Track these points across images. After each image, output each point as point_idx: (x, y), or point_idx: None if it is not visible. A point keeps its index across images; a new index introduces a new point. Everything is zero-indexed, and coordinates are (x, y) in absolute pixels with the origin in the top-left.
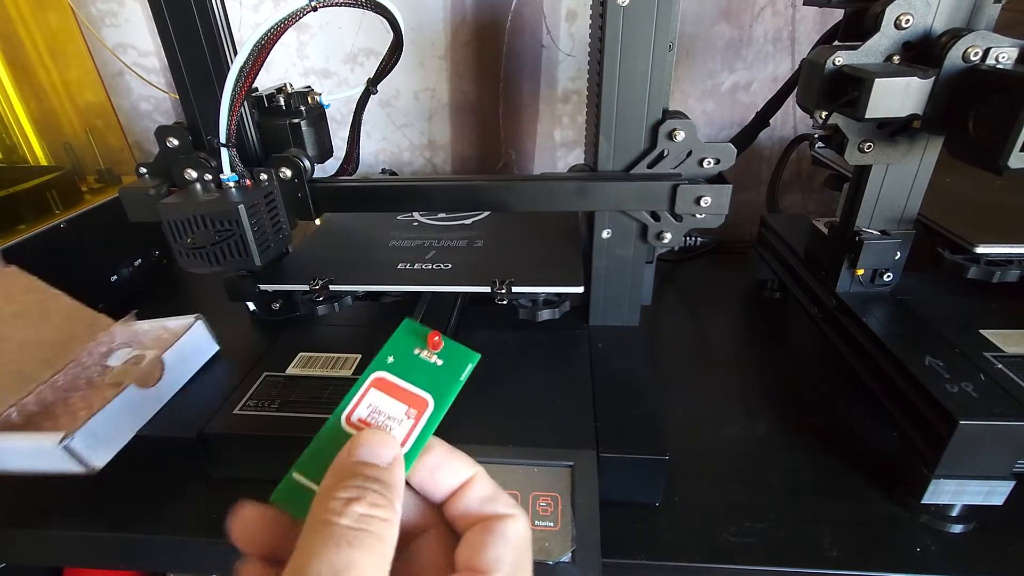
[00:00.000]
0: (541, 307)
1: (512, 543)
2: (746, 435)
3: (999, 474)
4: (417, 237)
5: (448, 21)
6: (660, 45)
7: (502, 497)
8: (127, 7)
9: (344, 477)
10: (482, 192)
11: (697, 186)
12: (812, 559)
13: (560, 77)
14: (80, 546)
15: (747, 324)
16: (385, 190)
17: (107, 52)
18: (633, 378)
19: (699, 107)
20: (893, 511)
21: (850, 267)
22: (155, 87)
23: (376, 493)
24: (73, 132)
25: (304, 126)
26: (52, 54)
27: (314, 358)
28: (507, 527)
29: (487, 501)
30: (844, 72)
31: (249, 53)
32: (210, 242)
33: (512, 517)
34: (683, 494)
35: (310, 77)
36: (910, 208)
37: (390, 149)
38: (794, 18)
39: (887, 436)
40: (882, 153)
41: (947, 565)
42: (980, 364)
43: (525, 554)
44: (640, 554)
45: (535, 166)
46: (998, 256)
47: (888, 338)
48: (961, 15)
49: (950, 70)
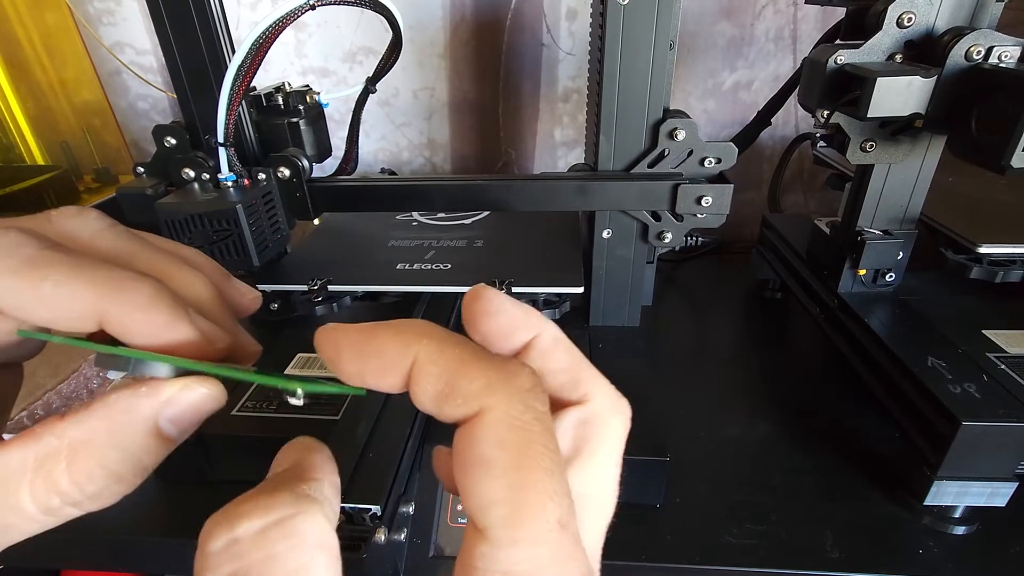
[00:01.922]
0: (541, 307)
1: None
2: (747, 436)
3: (1002, 475)
4: (416, 237)
5: (448, 19)
6: (661, 44)
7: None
8: (124, 5)
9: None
10: (482, 192)
11: (698, 185)
12: (814, 561)
13: (560, 76)
14: (78, 548)
15: (748, 324)
16: (384, 190)
17: (104, 50)
18: (634, 379)
19: (700, 106)
20: (895, 512)
21: (852, 267)
22: (153, 86)
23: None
24: (70, 131)
25: (302, 125)
26: (49, 52)
27: (312, 359)
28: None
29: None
30: (846, 71)
31: (247, 52)
32: (208, 242)
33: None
34: (684, 495)
35: (308, 76)
36: (912, 208)
37: (389, 148)
38: (796, 16)
39: (889, 437)
40: (884, 152)
41: (950, 567)
42: (983, 365)
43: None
44: (641, 556)
45: (535, 165)
46: (1001, 256)
47: (890, 338)
48: (963, 14)
49: (952, 69)
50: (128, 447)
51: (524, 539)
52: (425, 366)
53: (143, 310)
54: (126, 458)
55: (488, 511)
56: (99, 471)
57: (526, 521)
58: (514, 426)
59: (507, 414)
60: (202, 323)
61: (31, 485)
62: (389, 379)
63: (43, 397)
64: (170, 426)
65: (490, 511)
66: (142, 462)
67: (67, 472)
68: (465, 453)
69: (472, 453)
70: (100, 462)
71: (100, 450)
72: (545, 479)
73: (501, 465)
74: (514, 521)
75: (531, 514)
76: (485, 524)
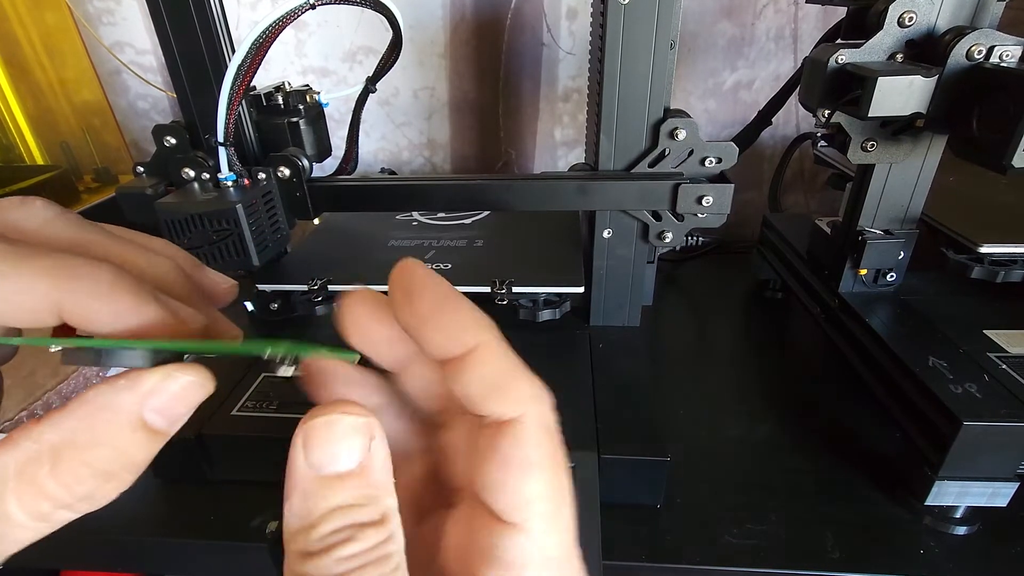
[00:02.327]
0: (541, 307)
1: (534, 456)
2: (748, 436)
3: (1003, 475)
4: (416, 237)
5: (448, 19)
6: (661, 43)
7: (512, 384)
8: (124, 5)
9: (310, 507)
10: (482, 192)
11: (699, 185)
12: (814, 561)
13: (561, 75)
14: (78, 548)
15: (749, 324)
16: (384, 189)
17: (104, 50)
18: (634, 379)
19: (701, 106)
20: (896, 513)
21: (853, 267)
22: (152, 85)
23: (360, 519)
24: (70, 131)
25: (302, 125)
26: (49, 52)
27: None
28: (520, 434)
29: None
30: (847, 70)
31: (247, 51)
32: (208, 242)
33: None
34: (684, 496)
35: (308, 75)
36: (913, 207)
37: (389, 148)
38: (796, 16)
39: (890, 437)
40: (885, 152)
41: (951, 567)
42: (984, 365)
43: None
44: (641, 556)
45: (535, 165)
46: (1002, 256)
47: (891, 338)
48: (965, 13)
49: (954, 69)
50: (114, 444)
51: (560, 529)
52: (493, 353)
53: (103, 296)
54: (114, 456)
55: (531, 506)
56: (86, 471)
57: (563, 512)
58: (550, 433)
59: (544, 422)
60: (171, 303)
61: (16, 493)
62: (432, 345)
63: (43, 397)
64: (157, 418)
65: (533, 506)
66: (133, 458)
67: (52, 476)
68: (509, 452)
69: (517, 452)
70: (85, 462)
71: (84, 450)
72: (568, 480)
73: (541, 465)
74: (555, 514)
75: (565, 508)
76: (525, 517)
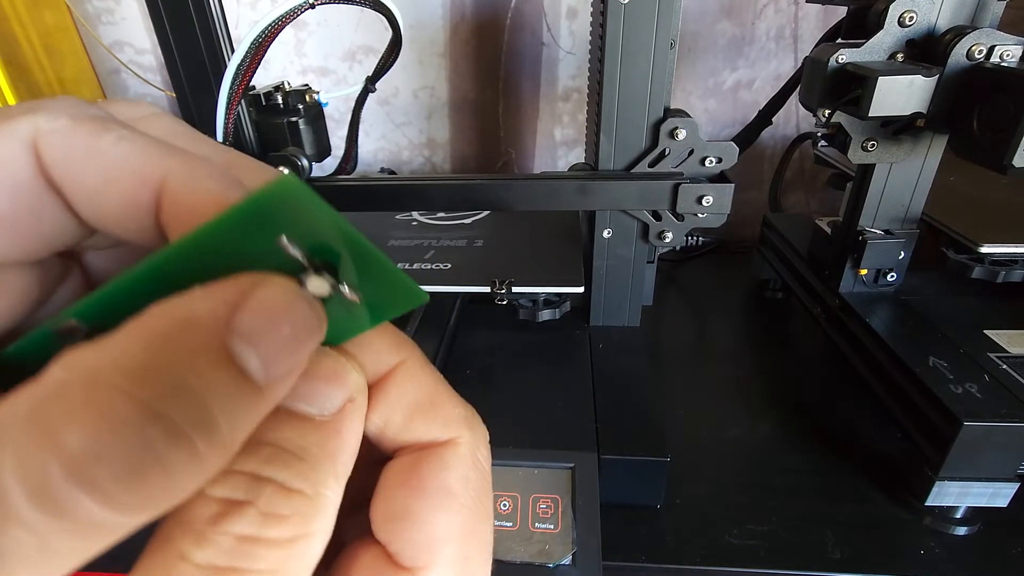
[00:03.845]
0: (541, 307)
1: (455, 495)
2: (748, 436)
3: (1004, 476)
4: (416, 237)
5: (448, 19)
6: (661, 43)
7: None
8: (123, 4)
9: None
10: (482, 191)
11: (699, 185)
12: (815, 561)
13: (560, 75)
14: None
15: (749, 324)
16: (384, 189)
17: (103, 50)
18: (634, 379)
19: (701, 105)
20: (896, 513)
21: (853, 267)
22: (152, 85)
23: (285, 488)
24: None
25: (302, 124)
26: (48, 52)
27: None
28: (447, 461)
29: (418, 415)
30: (847, 70)
31: (246, 51)
32: None
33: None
34: (684, 496)
35: (308, 75)
36: (914, 207)
37: (389, 148)
38: (797, 15)
39: (890, 437)
40: (886, 152)
41: (951, 567)
42: (984, 365)
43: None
44: (641, 557)
45: (535, 165)
46: (1002, 256)
47: (891, 338)
48: (965, 13)
49: (954, 68)
50: (190, 384)
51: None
52: (416, 372)
53: (216, 176)
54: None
55: (438, 548)
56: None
57: (476, 569)
58: (479, 467)
59: (475, 453)
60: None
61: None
62: (368, 365)
63: None
64: (251, 353)
65: (441, 549)
66: (215, 415)
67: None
68: (428, 478)
69: (436, 480)
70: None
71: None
72: (489, 531)
73: (460, 502)
74: (465, 568)
75: (482, 565)
76: (428, 562)
